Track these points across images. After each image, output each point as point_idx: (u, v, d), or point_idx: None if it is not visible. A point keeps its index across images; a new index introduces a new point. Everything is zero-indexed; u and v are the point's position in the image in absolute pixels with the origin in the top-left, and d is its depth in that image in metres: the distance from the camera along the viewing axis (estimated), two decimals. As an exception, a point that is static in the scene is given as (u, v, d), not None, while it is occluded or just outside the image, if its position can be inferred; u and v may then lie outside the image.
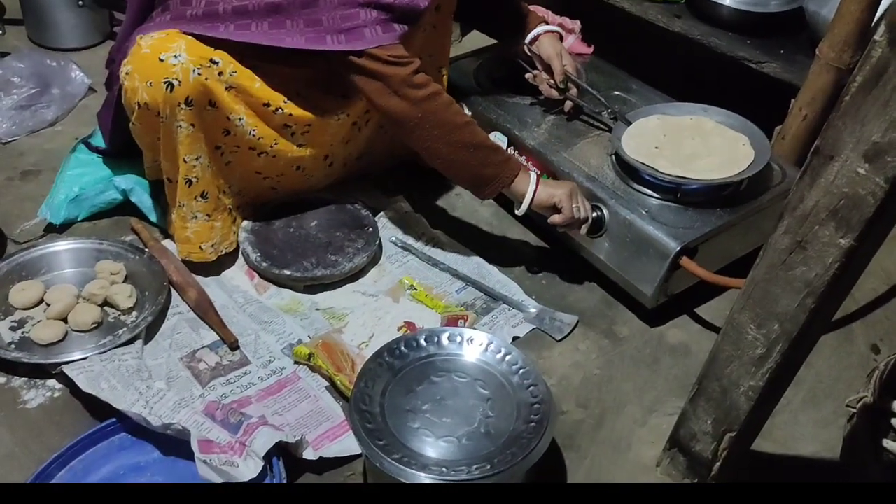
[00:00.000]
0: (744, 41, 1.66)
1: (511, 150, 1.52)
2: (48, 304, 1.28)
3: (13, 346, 1.22)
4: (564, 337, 1.33)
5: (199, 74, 1.20)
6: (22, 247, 1.37)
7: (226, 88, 1.24)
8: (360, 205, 1.51)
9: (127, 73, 1.21)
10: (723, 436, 1.00)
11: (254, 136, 1.30)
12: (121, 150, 1.46)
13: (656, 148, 1.39)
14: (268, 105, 1.29)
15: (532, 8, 1.60)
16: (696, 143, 1.41)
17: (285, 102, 1.31)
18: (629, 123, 1.46)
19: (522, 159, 1.50)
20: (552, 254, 1.50)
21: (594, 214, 1.37)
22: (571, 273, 1.46)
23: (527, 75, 1.55)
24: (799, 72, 1.54)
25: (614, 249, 1.36)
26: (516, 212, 1.34)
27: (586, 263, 1.43)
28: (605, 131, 1.52)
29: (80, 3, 1.88)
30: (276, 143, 1.34)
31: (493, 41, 1.72)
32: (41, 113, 1.68)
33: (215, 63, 1.22)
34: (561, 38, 1.55)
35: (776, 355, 0.89)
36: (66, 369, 1.16)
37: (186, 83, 1.19)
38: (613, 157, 1.44)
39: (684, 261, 1.27)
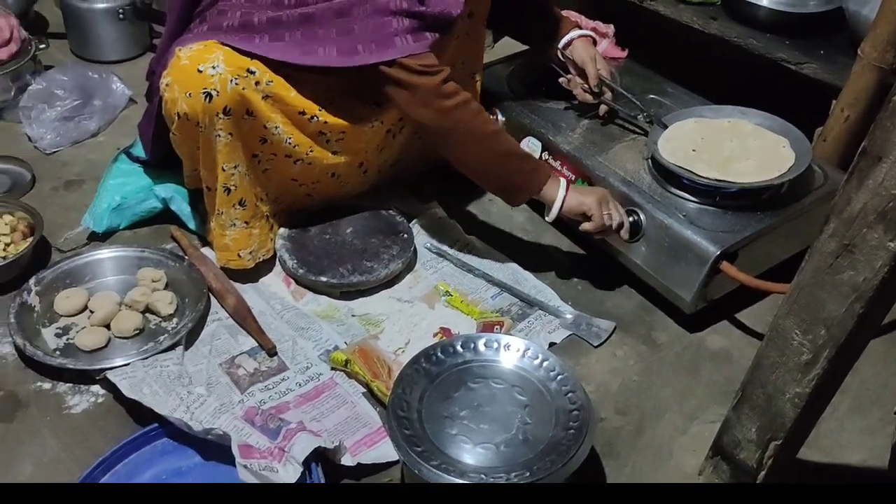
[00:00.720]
0: (782, 42, 1.63)
1: (545, 156, 1.52)
2: (91, 311, 1.30)
3: (58, 352, 1.25)
4: (602, 343, 1.32)
5: (236, 84, 1.22)
6: (66, 255, 1.40)
7: (262, 98, 1.26)
8: (394, 211, 1.52)
9: (167, 85, 1.24)
10: (768, 444, 0.98)
11: (290, 143, 1.32)
12: (161, 160, 1.48)
13: (694, 151, 1.37)
14: (303, 113, 1.31)
15: (564, 13, 1.59)
16: (735, 145, 1.39)
17: (320, 111, 1.32)
18: (665, 127, 1.44)
19: (557, 164, 1.50)
20: (588, 259, 1.49)
21: (630, 219, 1.35)
22: (608, 278, 1.45)
23: (560, 80, 1.54)
24: (839, 72, 1.51)
25: (652, 254, 1.35)
26: (546, 219, 1.34)
27: (623, 268, 1.42)
28: (641, 135, 1.51)
29: (121, 16, 1.92)
30: (311, 151, 1.35)
31: (526, 47, 1.72)
32: (84, 124, 1.72)
33: (252, 73, 1.24)
34: (594, 42, 1.55)
35: (823, 361, 0.87)
36: (110, 375, 1.18)
37: (224, 93, 1.21)
38: (650, 160, 1.43)
39: (724, 265, 1.25)
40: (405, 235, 1.47)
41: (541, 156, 1.52)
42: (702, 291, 1.29)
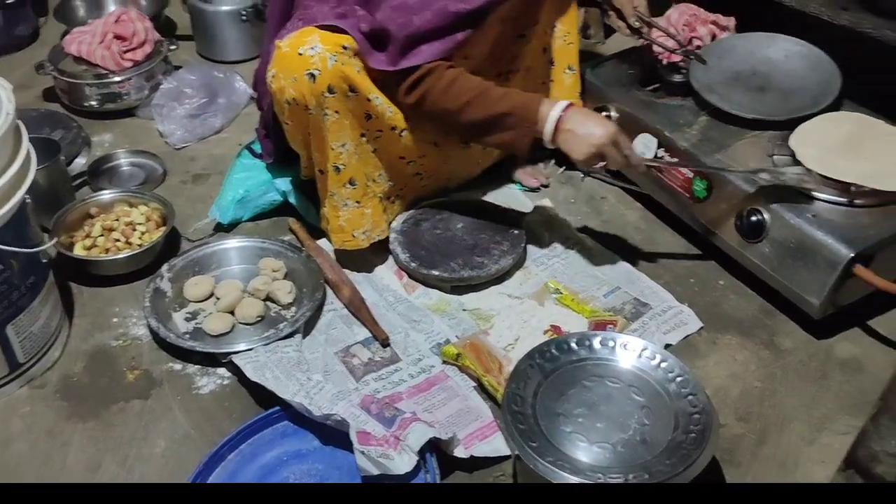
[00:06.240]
0: (923, 33, 1.52)
1: (661, 152, 1.48)
2: (218, 298, 1.37)
3: (188, 335, 1.32)
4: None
5: (336, 61, 1.24)
6: (195, 244, 1.47)
7: (357, 70, 1.28)
8: (505, 207, 1.52)
9: (273, 76, 1.28)
10: (910, 458, 0.91)
11: (391, 113, 1.34)
12: (280, 158, 1.54)
13: (827, 150, 1.30)
14: None
15: (684, 5, 1.55)
16: (868, 143, 1.31)
17: None
18: (703, 62, 1.48)
19: (674, 160, 1.45)
20: (705, 259, 1.45)
21: (753, 219, 1.30)
22: (726, 279, 1.40)
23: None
24: None
25: (776, 256, 1.29)
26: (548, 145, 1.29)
27: (742, 269, 1.37)
28: (764, 131, 1.44)
29: (244, 17, 2.01)
30: (408, 118, 1.37)
31: (638, 43, 1.68)
32: (209, 121, 1.81)
33: (346, 48, 1.26)
34: None
35: (978, 373, 0.81)
36: (235, 359, 1.23)
37: (326, 71, 1.24)
38: (774, 158, 1.37)
39: (858, 269, 1.18)
40: (516, 232, 1.47)
41: (656, 153, 1.49)
42: (832, 296, 1.22)
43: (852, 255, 1.18)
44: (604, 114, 1.57)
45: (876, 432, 0.95)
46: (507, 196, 1.59)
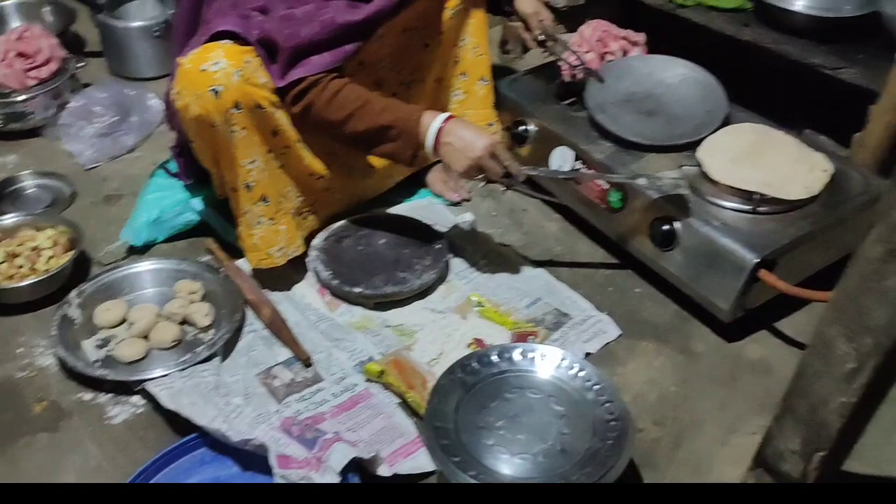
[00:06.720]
0: (817, 47, 1.61)
1: (578, 164, 1.51)
2: (131, 323, 1.32)
3: (98, 363, 1.27)
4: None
5: (240, 77, 1.23)
6: (106, 268, 1.42)
7: (263, 81, 1.26)
8: (426, 222, 1.52)
9: (177, 93, 1.25)
10: (812, 455, 0.95)
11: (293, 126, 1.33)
12: (196, 178, 1.51)
13: (732, 160, 1.36)
14: None
15: (597, 22, 1.60)
16: (769, 152, 1.37)
17: None
18: (601, 80, 1.53)
19: (583, 167, 1.48)
20: (623, 268, 1.48)
21: (664, 228, 1.34)
22: (643, 287, 1.43)
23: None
24: (877, 77, 1.48)
25: (687, 263, 1.33)
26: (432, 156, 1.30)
27: (658, 277, 1.41)
28: (677, 150, 1.49)
29: (156, 33, 1.96)
30: (300, 130, 1.36)
31: (553, 57, 1.72)
32: (121, 140, 1.75)
33: (249, 62, 1.25)
34: None
35: (869, 370, 0.85)
36: (149, 386, 1.19)
37: (231, 86, 1.22)
38: (682, 168, 1.42)
39: (763, 273, 1.24)
40: (438, 246, 1.47)
41: (574, 165, 1.52)
42: (740, 300, 1.27)
43: (757, 260, 1.23)
44: (521, 127, 1.60)
45: (780, 432, 0.99)
46: (429, 210, 1.60)
